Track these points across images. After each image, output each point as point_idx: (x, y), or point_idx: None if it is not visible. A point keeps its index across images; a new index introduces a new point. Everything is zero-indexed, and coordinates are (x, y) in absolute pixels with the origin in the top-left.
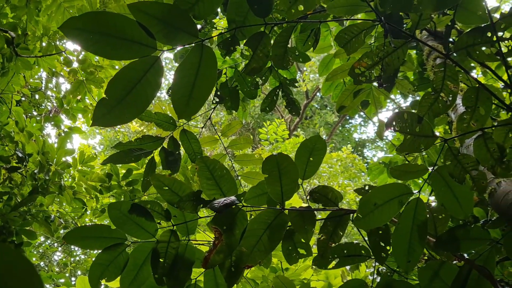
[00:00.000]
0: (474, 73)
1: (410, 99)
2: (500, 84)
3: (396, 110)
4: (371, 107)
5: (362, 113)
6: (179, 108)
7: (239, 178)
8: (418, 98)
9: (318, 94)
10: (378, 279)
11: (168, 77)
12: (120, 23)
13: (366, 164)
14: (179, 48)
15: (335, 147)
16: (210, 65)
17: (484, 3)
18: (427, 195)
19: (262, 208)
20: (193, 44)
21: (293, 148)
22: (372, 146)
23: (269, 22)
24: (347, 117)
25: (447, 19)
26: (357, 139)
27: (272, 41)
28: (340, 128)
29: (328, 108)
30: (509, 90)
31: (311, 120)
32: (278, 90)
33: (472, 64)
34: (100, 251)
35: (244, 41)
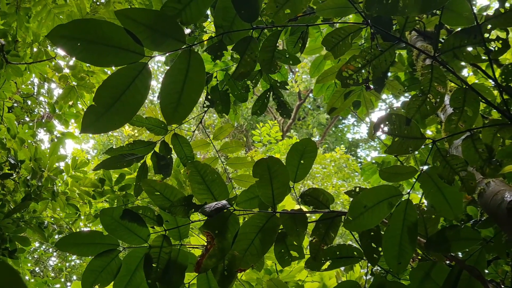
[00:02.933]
0: (465, 72)
1: (402, 99)
2: (491, 83)
3: (388, 110)
4: (363, 107)
5: (355, 113)
6: (167, 113)
7: (232, 181)
8: (409, 98)
9: (310, 95)
10: (372, 280)
11: (160, 80)
12: (107, 30)
13: (359, 164)
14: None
15: (328, 148)
16: (198, 70)
17: (469, 5)
18: (419, 193)
19: (254, 212)
20: (181, 50)
21: (286, 149)
22: (366, 146)
23: (256, 27)
24: (340, 118)
25: (436, 19)
26: (350, 139)
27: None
28: (333, 129)
29: (321, 109)
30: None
31: (304, 121)
32: (268, 93)
33: (463, 63)
34: (93, 257)
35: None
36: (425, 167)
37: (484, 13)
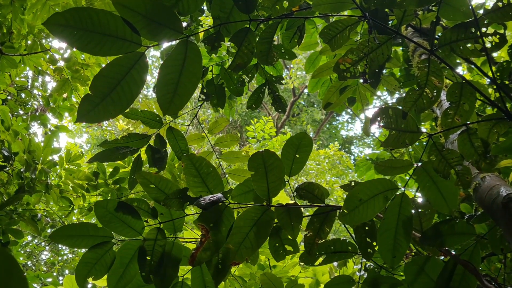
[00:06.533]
0: (460, 70)
1: (397, 96)
2: (487, 80)
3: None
4: (358, 104)
5: (349, 110)
6: (163, 104)
7: (227, 176)
8: (404, 94)
9: (305, 91)
10: (366, 275)
11: (155, 75)
12: (104, 19)
13: (353, 161)
14: (165, 45)
15: (322, 144)
16: (195, 61)
17: None
18: (414, 191)
19: (248, 205)
20: (178, 40)
21: (280, 146)
22: (359, 143)
23: (254, 18)
24: (334, 114)
25: (432, 15)
26: (344, 136)
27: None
28: (327, 126)
29: (315, 105)
30: (494, 86)
31: (298, 117)
32: (264, 88)
33: (458, 61)
34: (86, 249)
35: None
36: (420, 163)
37: (480, 11)
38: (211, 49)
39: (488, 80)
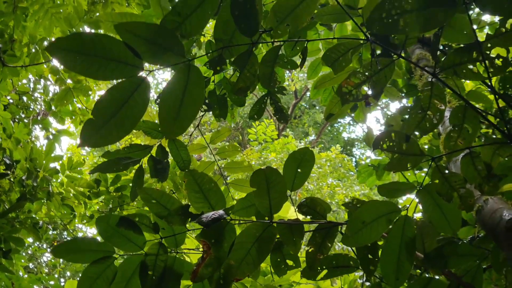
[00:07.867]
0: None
1: (397, 103)
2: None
3: (384, 111)
4: (359, 113)
5: (351, 116)
6: (166, 127)
7: (226, 179)
8: (405, 101)
9: (307, 94)
10: (367, 284)
11: (151, 80)
12: (106, 44)
13: (355, 163)
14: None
15: (324, 147)
16: (197, 84)
17: (470, 22)
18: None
19: (250, 221)
20: (180, 64)
21: (281, 148)
22: (361, 145)
23: (256, 42)
24: None
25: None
26: (346, 138)
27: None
28: (329, 128)
29: (317, 107)
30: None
31: (300, 119)
32: (266, 98)
33: None
34: (88, 264)
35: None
36: (422, 179)
37: (475, 26)
38: (213, 73)
39: (490, 90)
